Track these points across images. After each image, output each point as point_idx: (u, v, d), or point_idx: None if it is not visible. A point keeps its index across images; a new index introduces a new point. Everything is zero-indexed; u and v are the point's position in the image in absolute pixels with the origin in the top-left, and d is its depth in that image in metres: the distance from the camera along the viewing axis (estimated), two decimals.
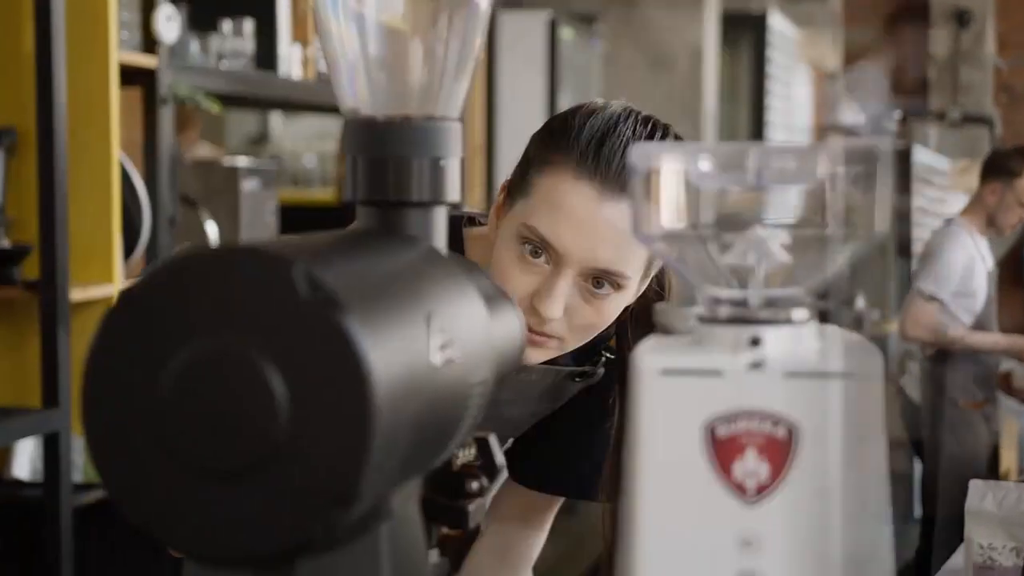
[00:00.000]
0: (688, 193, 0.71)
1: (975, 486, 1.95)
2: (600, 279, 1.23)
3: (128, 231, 2.51)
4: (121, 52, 2.49)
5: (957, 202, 8.47)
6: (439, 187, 0.80)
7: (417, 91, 0.81)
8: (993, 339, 4.30)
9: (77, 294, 2.33)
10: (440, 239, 0.81)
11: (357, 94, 0.81)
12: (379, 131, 0.79)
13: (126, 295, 0.62)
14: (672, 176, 0.70)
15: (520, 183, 1.26)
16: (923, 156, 7.22)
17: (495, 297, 0.83)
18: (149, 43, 2.60)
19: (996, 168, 4.22)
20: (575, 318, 1.24)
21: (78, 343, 2.29)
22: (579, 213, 1.21)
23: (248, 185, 2.90)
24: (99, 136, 2.40)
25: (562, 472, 1.45)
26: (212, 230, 2.84)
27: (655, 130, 1.26)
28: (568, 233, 1.21)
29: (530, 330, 1.24)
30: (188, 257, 0.61)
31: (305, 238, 0.70)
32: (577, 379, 1.39)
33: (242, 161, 3.07)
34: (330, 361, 0.59)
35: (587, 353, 1.38)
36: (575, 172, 1.21)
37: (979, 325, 4.20)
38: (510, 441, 1.48)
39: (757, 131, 7.44)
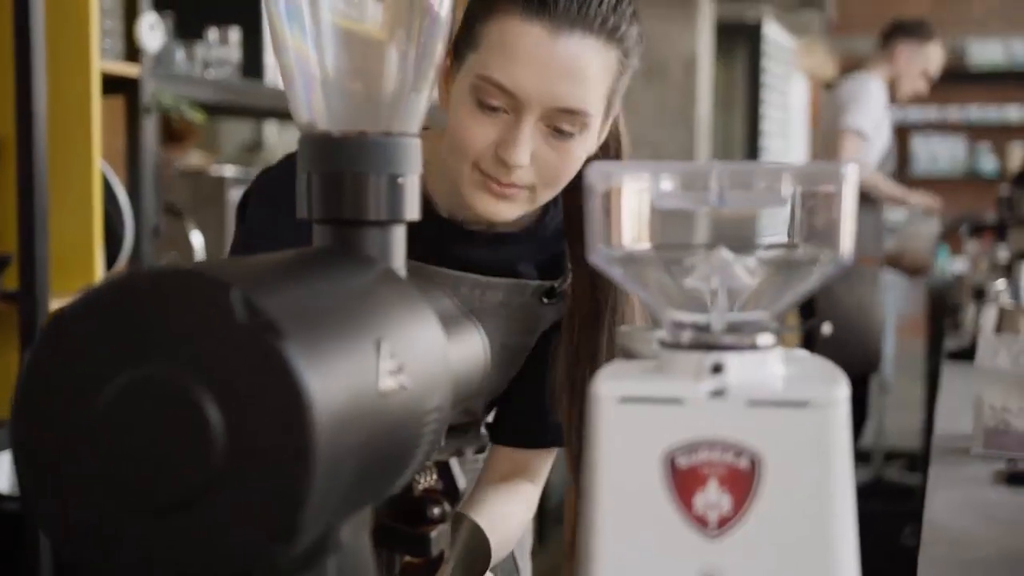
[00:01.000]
0: (649, 213, 0.69)
1: (986, 341, 1.84)
2: (561, 123, 1.20)
3: (110, 241, 2.48)
4: (104, 61, 2.46)
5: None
6: (397, 205, 0.77)
7: (374, 105, 0.79)
8: (903, 191, 4.49)
9: (57, 305, 2.30)
10: (399, 258, 0.78)
11: (313, 108, 0.79)
12: (335, 147, 0.77)
13: (60, 317, 0.59)
14: (632, 196, 0.68)
15: (466, 38, 1.23)
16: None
17: (455, 318, 0.81)
18: (132, 52, 2.58)
19: (909, 31, 4.38)
20: (542, 165, 1.21)
21: None
22: (533, 53, 1.18)
23: (236, 195, 2.88)
24: (80, 145, 2.38)
25: (541, 423, 1.41)
26: (197, 240, 2.81)
27: None
28: (524, 75, 1.18)
29: (499, 183, 1.21)
30: (125, 279, 0.59)
31: (252, 260, 0.67)
32: (545, 299, 1.36)
33: (230, 170, 3.04)
34: (268, 389, 0.57)
35: (550, 270, 1.36)
36: (522, 13, 1.18)
37: None
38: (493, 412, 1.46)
39: (752, 140, 7.42)
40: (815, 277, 0.67)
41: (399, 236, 0.78)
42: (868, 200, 4.40)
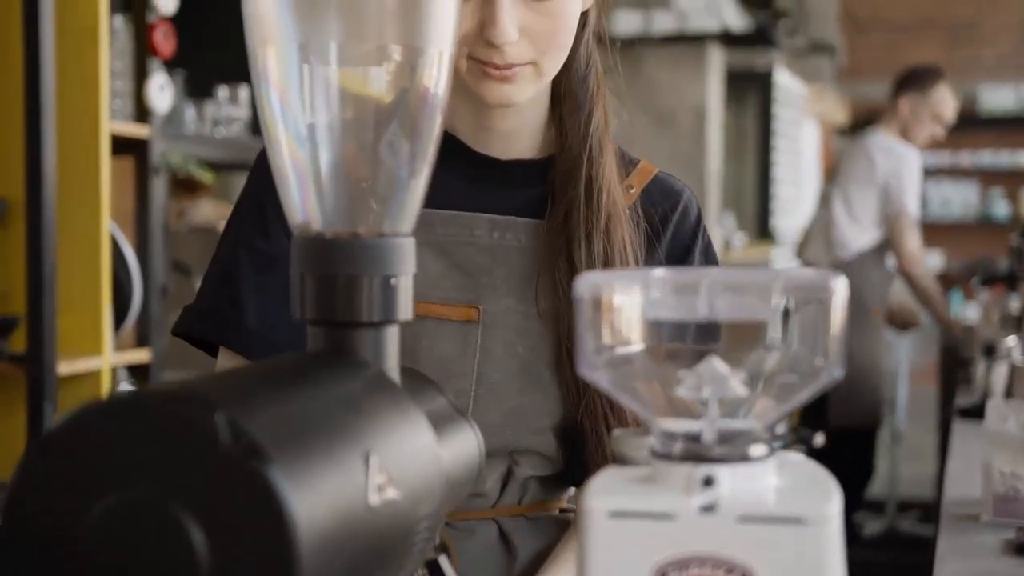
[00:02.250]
0: (639, 322, 0.68)
1: (994, 406, 1.81)
2: None
3: (119, 302, 2.48)
4: (114, 122, 2.48)
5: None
6: (390, 306, 0.77)
7: (368, 205, 0.78)
8: (942, 304, 4.51)
9: (65, 368, 2.31)
10: (391, 360, 0.78)
11: (306, 209, 0.78)
12: (328, 248, 0.77)
13: (44, 441, 0.59)
14: (621, 306, 0.68)
15: None
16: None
17: (448, 417, 0.81)
18: (142, 112, 2.59)
19: (911, 81, 4.46)
20: (534, 34, 1.14)
21: None
22: None
23: None
24: (89, 207, 2.39)
25: None
26: None
27: None
28: None
29: (496, 67, 1.14)
30: (109, 401, 0.58)
31: (237, 373, 0.67)
32: None
33: None
34: (253, 513, 0.56)
35: None
36: None
37: None
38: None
39: (763, 187, 7.42)
40: (808, 389, 0.67)
41: (392, 337, 0.78)
42: (878, 251, 4.40)
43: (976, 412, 2.82)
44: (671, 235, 1.28)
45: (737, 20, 5.44)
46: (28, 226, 2.28)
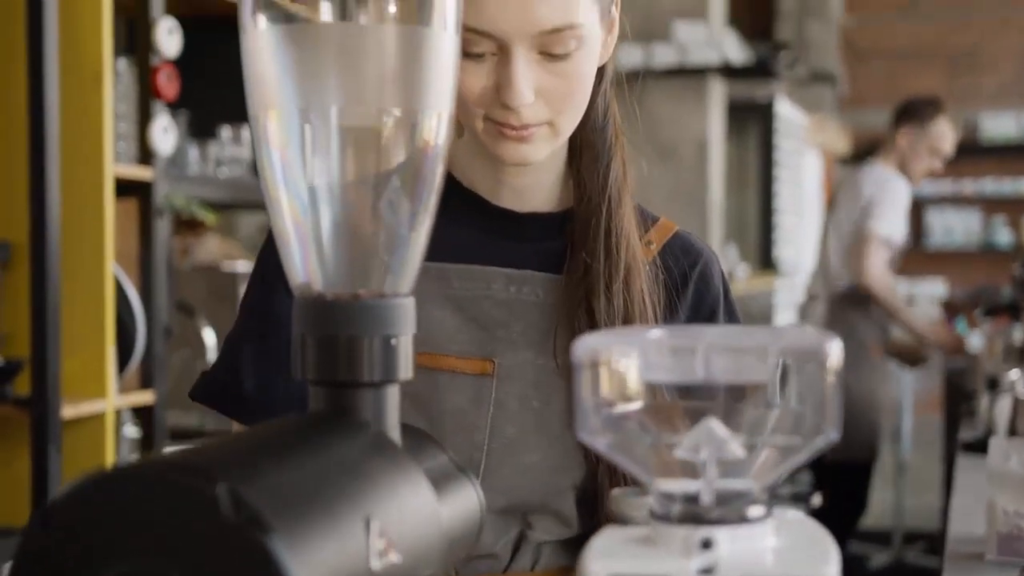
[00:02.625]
0: (637, 384, 0.69)
1: (996, 445, 1.81)
2: (553, 47, 1.11)
3: (123, 343, 2.49)
4: (117, 165, 2.49)
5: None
6: (391, 366, 0.78)
7: (369, 266, 0.79)
8: (922, 324, 4.50)
9: (69, 411, 2.31)
10: (392, 419, 0.78)
11: (308, 270, 0.79)
12: (329, 310, 0.78)
13: (46, 512, 0.60)
14: (619, 368, 0.68)
15: None
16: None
17: (448, 475, 0.81)
18: (146, 154, 2.61)
19: (909, 114, 4.44)
20: (550, 95, 1.13)
21: (70, 462, 2.27)
22: None
23: None
24: (93, 249, 2.40)
25: None
26: (210, 338, 2.83)
27: None
28: (493, 11, 1.10)
29: (513, 127, 1.13)
30: (110, 473, 0.59)
31: (238, 439, 0.68)
32: None
33: (242, 265, 3.06)
34: None
35: None
36: None
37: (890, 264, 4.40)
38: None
39: (766, 218, 7.44)
40: (806, 450, 0.67)
41: (393, 396, 0.79)
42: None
43: (980, 446, 2.81)
44: (692, 297, 1.27)
45: (737, 53, 5.47)
46: (32, 269, 2.30)
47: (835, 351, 0.66)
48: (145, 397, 2.62)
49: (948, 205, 10.18)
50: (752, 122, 7.29)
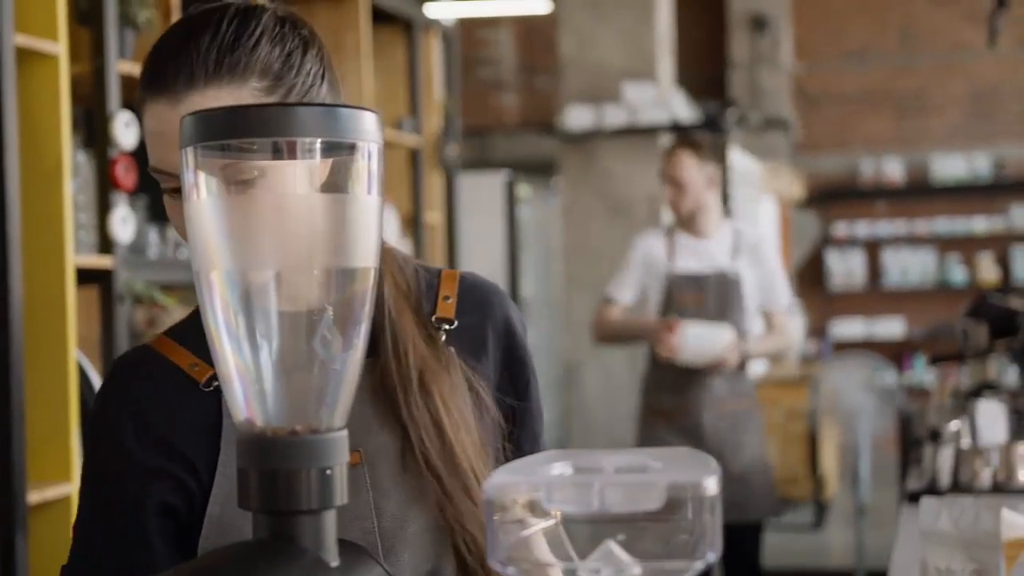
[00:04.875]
0: (541, 515, 0.78)
1: (927, 504, 1.86)
2: (240, 176, 1.09)
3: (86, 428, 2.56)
4: (78, 255, 2.56)
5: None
6: (327, 494, 0.86)
7: (305, 404, 0.88)
8: (643, 321, 4.15)
9: (35, 496, 2.37)
10: (330, 542, 0.87)
11: (249, 408, 0.88)
12: (269, 445, 0.86)
13: None
14: (525, 503, 0.77)
15: None
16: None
17: None
18: (105, 243, 2.68)
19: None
20: None
21: (36, 546, 2.33)
22: (160, 128, 1.16)
23: None
24: (56, 337, 2.47)
25: None
26: None
27: (212, 13, 1.20)
28: (161, 151, 1.17)
29: None
30: None
31: (189, 567, 0.76)
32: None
33: None
34: None
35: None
36: (148, 96, 1.18)
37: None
38: None
39: None
40: (690, 570, 0.76)
41: (330, 520, 0.87)
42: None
43: (922, 496, 2.89)
44: (494, 337, 1.32)
45: (686, 111, 5.61)
46: None
47: (712, 486, 0.75)
48: None
49: (903, 245, 10.37)
50: None
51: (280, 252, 0.86)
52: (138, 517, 1.22)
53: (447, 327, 1.28)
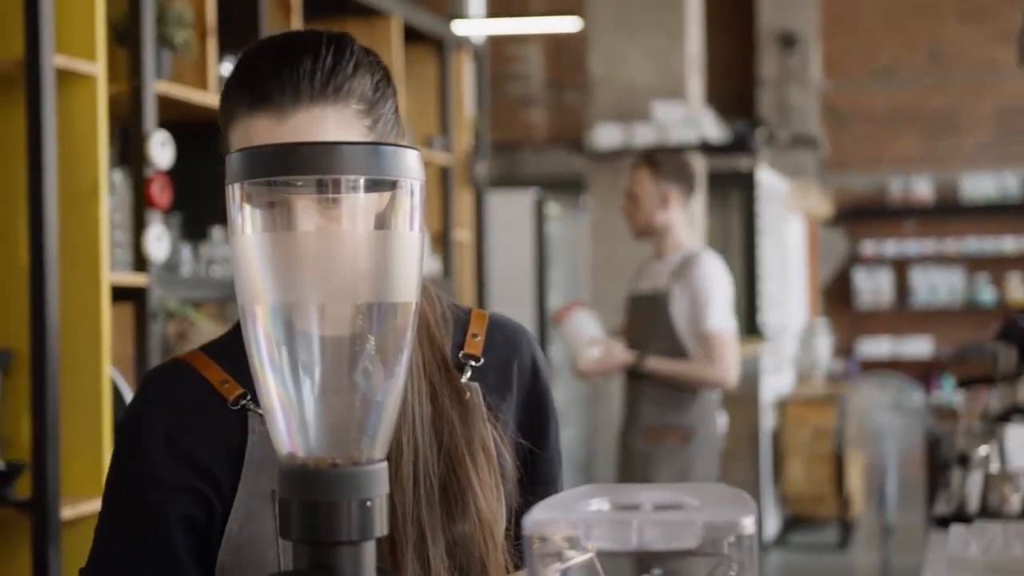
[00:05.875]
0: (580, 551, 0.79)
1: (956, 531, 1.87)
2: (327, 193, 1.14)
3: None
4: (113, 273, 2.59)
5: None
6: (368, 526, 0.88)
7: (346, 437, 0.90)
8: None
9: (68, 511, 2.40)
10: (369, 572, 0.88)
11: (292, 441, 0.89)
12: (311, 477, 0.88)
13: None
14: (565, 539, 0.78)
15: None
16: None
17: None
18: (140, 261, 2.71)
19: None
20: None
21: (70, 561, 2.35)
22: (261, 141, 1.17)
23: None
24: (91, 355, 2.49)
25: None
26: None
27: (308, 37, 1.22)
28: None
29: None
30: None
31: None
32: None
33: None
34: None
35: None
36: (247, 109, 1.19)
37: None
38: None
39: (750, 283, 7.55)
40: None
41: (369, 551, 0.89)
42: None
43: (951, 522, 2.88)
44: (519, 376, 1.34)
45: (715, 131, 5.61)
46: (32, 376, 2.39)
47: (749, 524, 0.76)
48: None
49: (932, 264, 10.32)
50: (734, 191, 7.43)
51: (323, 287, 0.87)
52: (160, 529, 1.23)
53: (473, 364, 1.30)
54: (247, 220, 0.88)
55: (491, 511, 1.25)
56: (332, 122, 1.20)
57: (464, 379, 1.29)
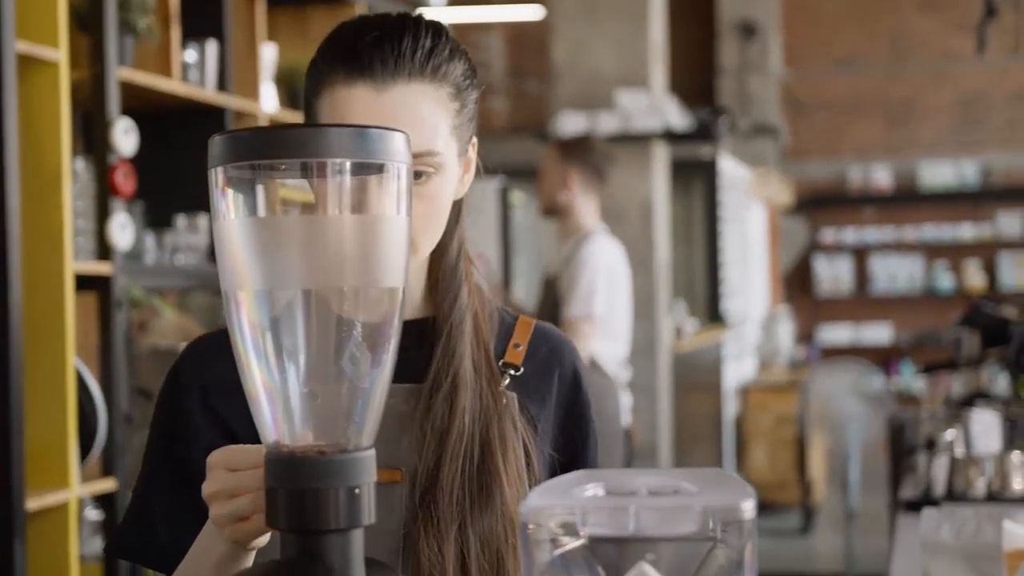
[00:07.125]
0: (576, 538, 0.78)
1: (928, 515, 1.86)
2: (415, 166, 1.12)
3: (85, 434, 2.55)
4: (77, 261, 2.56)
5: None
6: (355, 514, 0.87)
7: (333, 424, 0.88)
8: None
9: (33, 503, 2.37)
10: (357, 560, 0.87)
11: (278, 429, 0.88)
12: (297, 465, 0.86)
13: None
14: (561, 525, 0.77)
15: (309, 119, 1.23)
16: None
17: None
18: (104, 249, 2.68)
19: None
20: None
21: (35, 552, 2.32)
22: (363, 112, 1.18)
23: None
24: (55, 345, 2.46)
25: None
26: None
27: (407, 18, 1.24)
28: None
29: None
30: None
31: None
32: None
33: None
34: None
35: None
36: (345, 79, 1.19)
37: None
38: None
39: (712, 270, 7.57)
40: None
41: (357, 539, 0.87)
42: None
43: (920, 506, 2.90)
44: (557, 395, 1.34)
45: (679, 119, 5.61)
46: None
47: (749, 508, 0.75)
48: (107, 484, 2.68)
49: (891, 251, 10.39)
50: (696, 179, 7.44)
51: (309, 272, 0.86)
52: (198, 484, 1.22)
53: (512, 372, 1.30)
54: (230, 205, 0.86)
55: (516, 509, 1.23)
56: (430, 98, 1.21)
57: (503, 386, 1.28)
